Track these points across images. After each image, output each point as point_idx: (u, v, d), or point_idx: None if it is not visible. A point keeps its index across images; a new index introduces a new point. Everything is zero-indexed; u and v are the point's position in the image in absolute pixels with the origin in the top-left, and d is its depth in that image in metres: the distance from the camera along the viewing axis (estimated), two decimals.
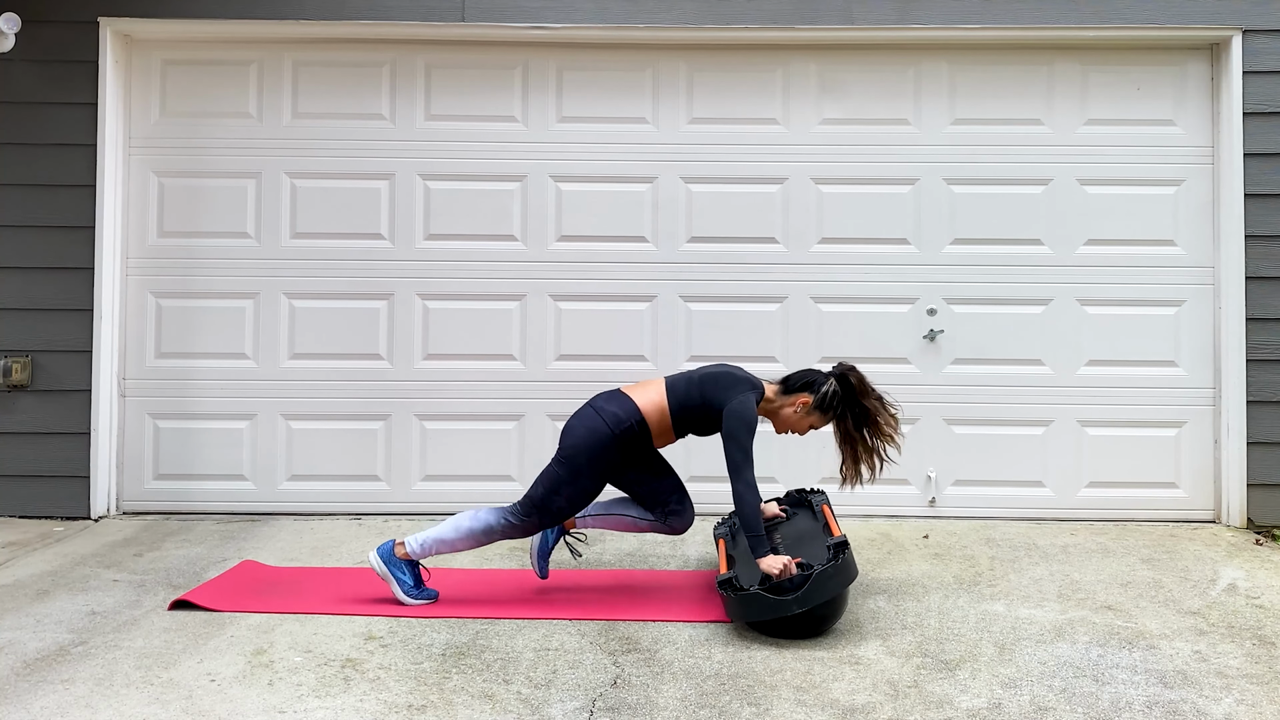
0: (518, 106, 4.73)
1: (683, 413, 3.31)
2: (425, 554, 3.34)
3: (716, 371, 3.38)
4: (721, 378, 3.33)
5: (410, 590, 3.32)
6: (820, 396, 3.29)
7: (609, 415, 3.29)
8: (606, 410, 3.31)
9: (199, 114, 4.71)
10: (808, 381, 3.35)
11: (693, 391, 3.32)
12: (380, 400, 4.68)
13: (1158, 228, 4.64)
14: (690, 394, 3.31)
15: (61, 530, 4.35)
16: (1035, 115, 4.68)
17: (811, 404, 3.31)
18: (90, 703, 2.59)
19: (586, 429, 3.30)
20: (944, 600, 3.43)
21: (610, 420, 3.28)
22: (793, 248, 4.69)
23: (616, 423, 3.28)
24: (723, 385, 3.29)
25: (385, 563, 3.34)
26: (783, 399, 3.36)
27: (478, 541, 3.36)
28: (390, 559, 3.34)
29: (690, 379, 3.36)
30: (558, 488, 3.30)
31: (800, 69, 4.72)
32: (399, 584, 3.32)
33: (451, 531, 3.34)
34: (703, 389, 3.31)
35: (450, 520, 3.38)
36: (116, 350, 4.63)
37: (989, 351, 4.66)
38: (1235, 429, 4.50)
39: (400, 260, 4.69)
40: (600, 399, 3.38)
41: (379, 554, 3.35)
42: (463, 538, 3.34)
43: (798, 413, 3.34)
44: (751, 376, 3.37)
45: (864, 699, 2.63)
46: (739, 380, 3.32)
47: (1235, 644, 3.04)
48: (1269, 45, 4.50)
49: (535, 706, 2.59)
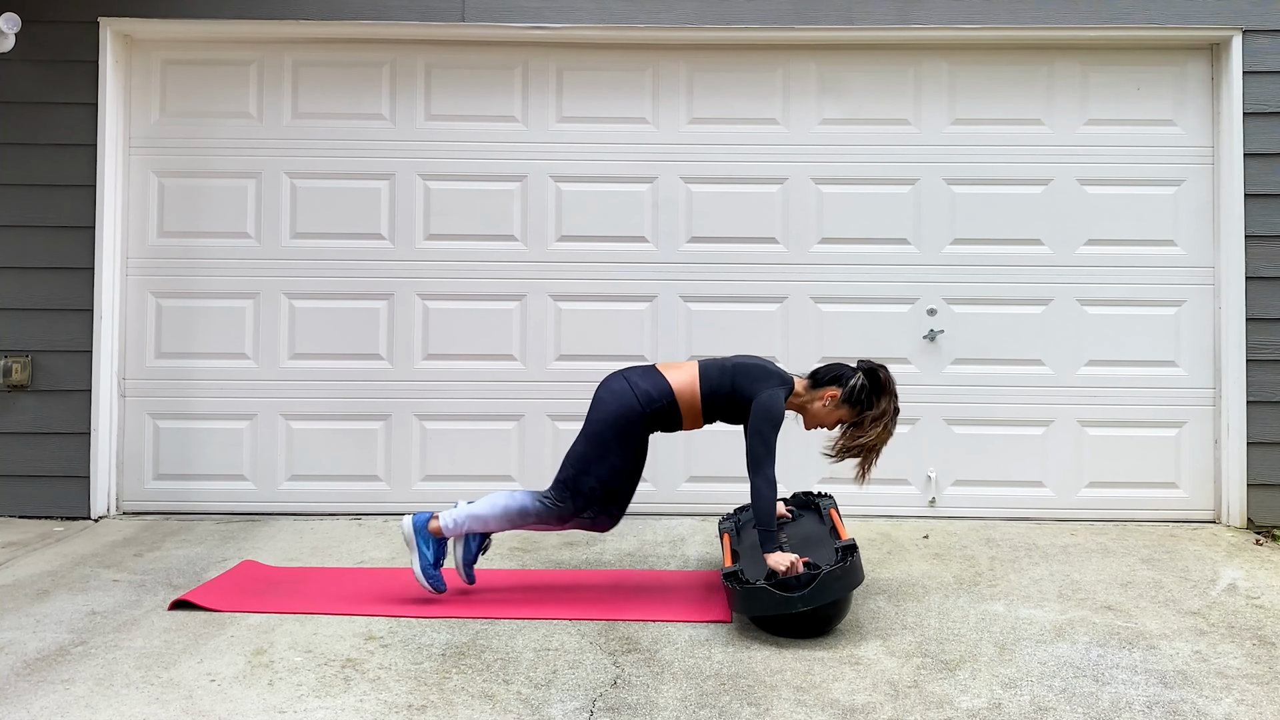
0: (518, 106, 4.73)
1: (713, 399, 3.30)
2: (458, 530, 3.32)
3: (749, 363, 3.36)
4: (753, 369, 3.32)
5: (427, 568, 3.31)
6: (849, 390, 3.29)
7: (642, 392, 3.27)
8: (640, 386, 3.28)
9: (199, 114, 4.71)
10: (835, 375, 3.34)
11: (725, 379, 3.30)
12: (380, 400, 4.68)
13: (1158, 228, 4.64)
14: (723, 381, 3.30)
15: (61, 530, 4.35)
16: (1035, 115, 4.68)
17: (840, 397, 3.30)
18: (90, 703, 2.59)
19: (619, 403, 3.26)
20: (944, 600, 3.43)
21: (643, 397, 3.26)
22: (793, 248, 4.69)
23: (649, 400, 3.26)
24: (754, 377, 3.28)
25: (416, 533, 3.33)
26: (811, 393, 3.35)
27: (513, 523, 3.34)
28: (422, 531, 3.33)
29: (724, 366, 3.34)
30: (586, 467, 3.26)
31: (800, 69, 4.72)
32: (420, 557, 3.31)
33: (487, 508, 3.33)
34: (734, 378, 3.29)
35: (486, 498, 3.36)
36: (116, 350, 4.63)
37: (989, 351, 4.66)
38: (1235, 429, 4.50)
39: (400, 260, 4.69)
40: (635, 373, 3.34)
41: (413, 522, 3.33)
42: (498, 516, 3.32)
43: (826, 406, 3.33)
44: (782, 371, 3.36)
45: (864, 699, 2.63)
46: (770, 374, 3.31)
47: (1235, 644, 3.04)
48: (1269, 45, 4.51)
49: (535, 706, 2.59)
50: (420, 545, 3.32)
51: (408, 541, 3.34)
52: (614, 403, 3.27)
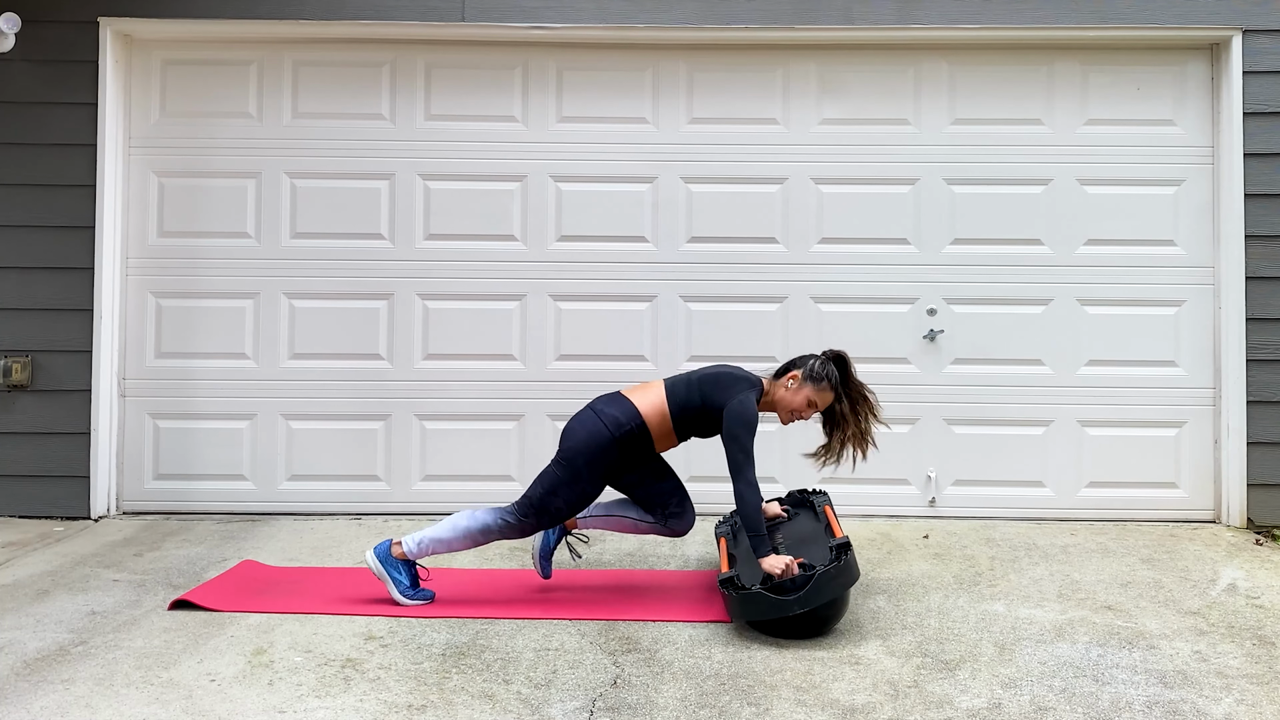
0: (518, 106, 4.73)
1: (683, 415, 3.32)
2: (422, 554, 3.33)
3: (715, 372, 3.38)
4: (721, 378, 3.33)
5: (406, 590, 3.32)
6: (808, 369, 3.33)
7: (609, 418, 3.30)
8: (606, 413, 3.31)
9: (199, 114, 4.71)
10: (793, 361, 3.41)
11: (692, 394, 3.32)
12: (380, 400, 4.68)
13: (1158, 228, 4.64)
14: (690, 396, 3.32)
15: (61, 530, 4.35)
16: (1035, 115, 4.68)
17: (800, 376, 3.33)
18: (90, 703, 2.59)
19: (586, 431, 3.30)
20: (944, 600, 3.43)
21: (610, 423, 3.29)
22: (793, 248, 4.69)
23: (616, 426, 3.29)
24: (722, 385, 3.30)
25: (382, 563, 3.33)
26: (775, 384, 3.38)
27: (475, 541, 3.36)
28: (387, 559, 3.34)
29: (690, 381, 3.37)
30: (556, 489, 3.30)
31: (800, 69, 4.72)
32: (395, 584, 3.32)
33: (448, 531, 3.34)
34: (702, 390, 3.31)
35: (447, 520, 3.38)
36: (116, 350, 4.63)
37: (989, 351, 4.66)
38: (1235, 429, 4.50)
39: (400, 260, 4.69)
40: (600, 402, 3.38)
41: (376, 554, 3.35)
42: (459, 537, 3.34)
43: (789, 388, 3.34)
44: (750, 375, 3.38)
45: (864, 699, 2.63)
46: (738, 379, 3.32)
47: (1235, 644, 3.04)
48: (1269, 45, 4.51)
49: (535, 706, 2.59)
50: (390, 572, 3.33)
51: (378, 575, 3.34)
52: (582, 431, 3.31)
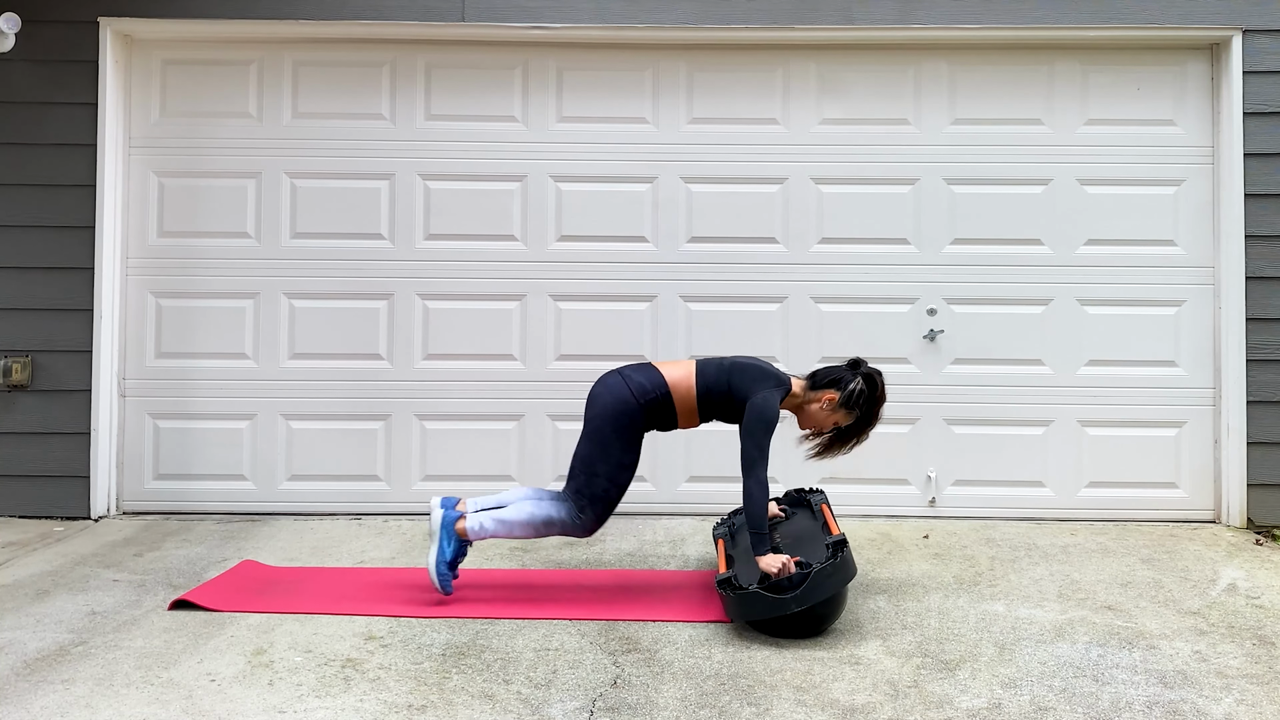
0: (518, 106, 4.73)
1: (709, 396, 3.32)
2: (482, 536, 3.33)
3: (746, 363, 3.37)
4: (751, 369, 3.33)
5: (441, 565, 3.30)
6: (847, 394, 3.30)
7: (635, 384, 3.30)
8: (634, 379, 3.32)
9: (199, 114, 4.71)
10: (834, 379, 3.35)
11: (721, 378, 3.32)
12: (380, 400, 4.68)
13: (1158, 228, 4.64)
14: (719, 380, 3.31)
15: (61, 530, 4.35)
16: (1035, 115, 4.68)
17: (838, 401, 3.31)
18: (90, 703, 2.59)
19: (613, 396, 3.30)
20: (944, 600, 3.43)
21: (636, 389, 3.29)
22: (793, 248, 4.69)
23: (642, 392, 3.28)
24: (750, 377, 3.29)
25: (442, 527, 3.32)
26: (809, 394, 3.36)
27: (538, 534, 3.35)
28: (448, 527, 3.33)
29: (721, 365, 3.36)
30: (594, 467, 3.28)
31: (800, 69, 4.72)
32: (438, 552, 3.30)
33: (514, 514, 3.32)
34: (731, 377, 3.31)
35: (514, 505, 3.36)
36: (116, 350, 4.63)
37: (989, 351, 4.66)
38: (1235, 429, 4.50)
39: (400, 260, 4.69)
40: (629, 368, 3.38)
41: (444, 517, 3.33)
42: (523, 523, 3.31)
43: (824, 409, 3.34)
44: (780, 372, 3.36)
45: (864, 699, 2.63)
46: (767, 375, 3.32)
47: (1235, 644, 3.04)
48: (1269, 45, 4.50)
49: (535, 706, 2.59)
50: (442, 539, 3.32)
51: (431, 530, 3.34)
52: (608, 395, 3.31)
